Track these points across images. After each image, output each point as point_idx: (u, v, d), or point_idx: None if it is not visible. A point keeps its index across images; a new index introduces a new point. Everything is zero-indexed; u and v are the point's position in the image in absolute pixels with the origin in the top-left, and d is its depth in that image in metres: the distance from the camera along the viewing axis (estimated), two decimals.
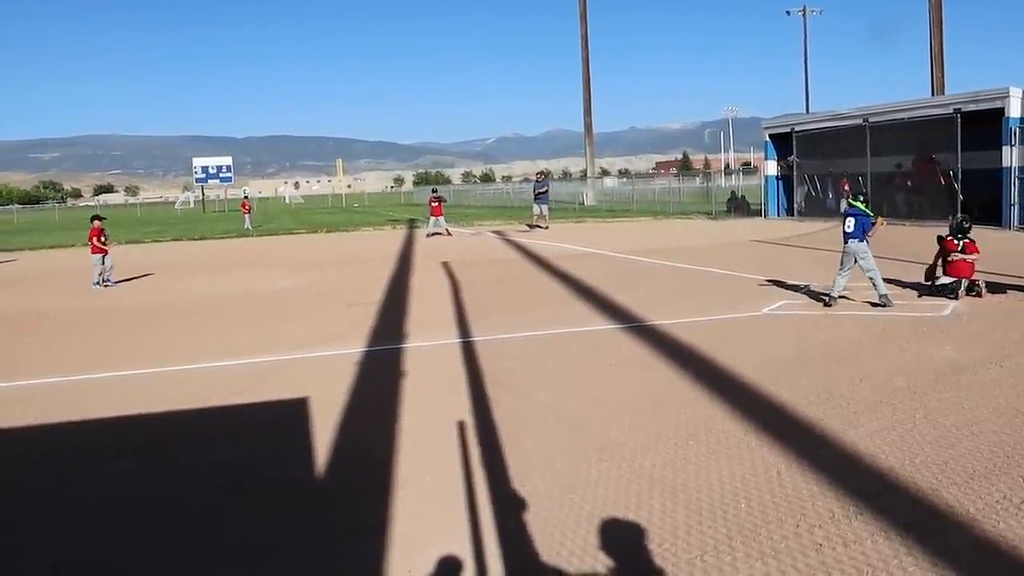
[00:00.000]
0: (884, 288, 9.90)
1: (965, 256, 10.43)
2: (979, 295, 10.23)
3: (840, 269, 10.18)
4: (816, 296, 10.71)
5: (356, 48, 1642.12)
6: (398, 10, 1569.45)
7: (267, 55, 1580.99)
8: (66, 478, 5.35)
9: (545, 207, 28.55)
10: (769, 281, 12.39)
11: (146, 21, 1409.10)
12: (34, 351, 9.73)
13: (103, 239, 15.75)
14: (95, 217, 16.26)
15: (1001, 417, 5.59)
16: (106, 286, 15.52)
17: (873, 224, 10.02)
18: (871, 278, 9.92)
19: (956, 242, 10.53)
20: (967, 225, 10.70)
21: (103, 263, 15.63)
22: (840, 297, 10.22)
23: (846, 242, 10.06)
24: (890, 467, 4.77)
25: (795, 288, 11.56)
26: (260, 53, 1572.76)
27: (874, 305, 9.85)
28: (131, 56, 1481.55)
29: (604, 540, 4.02)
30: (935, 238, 10.95)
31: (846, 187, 25.44)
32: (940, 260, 10.65)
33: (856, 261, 9.96)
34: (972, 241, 10.55)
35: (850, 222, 10.02)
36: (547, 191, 29.77)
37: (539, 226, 28.17)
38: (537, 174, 32.50)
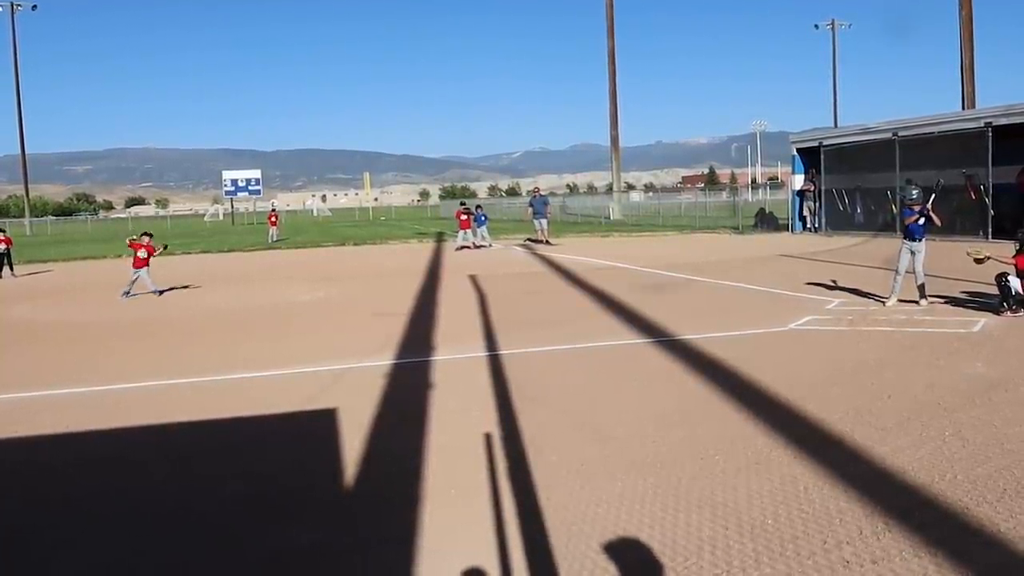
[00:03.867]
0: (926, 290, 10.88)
1: None
2: None
3: (897, 269, 11.03)
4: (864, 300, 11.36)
5: (385, 64, 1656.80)
6: (425, 27, 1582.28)
7: (297, 70, 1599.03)
8: (96, 487, 5.43)
9: (545, 222, 28.55)
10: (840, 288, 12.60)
11: (179, 38, 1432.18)
12: (67, 361, 9.87)
13: (147, 255, 15.98)
14: (144, 233, 16.57)
15: None
16: (130, 296, 15.75)
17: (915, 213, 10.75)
18: (917, 271, 10.81)
19: None
20: None
21: (141, 278, 15.87)
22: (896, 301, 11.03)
23: (906, 240, 10.88)
24: (920, 484, 4.72)
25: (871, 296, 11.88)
26: (290, 68, 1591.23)
27: (916, 301, 10.75)
28: (164, 70, 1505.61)
29: (630, 554, 4.02)
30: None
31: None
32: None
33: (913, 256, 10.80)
34: None
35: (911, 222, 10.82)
36: (547, 206, 29.77)
37: (541, 241, 28.07)
38: (533, 190, 32.62)
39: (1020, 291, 9.95)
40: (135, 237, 16.73)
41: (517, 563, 3.99)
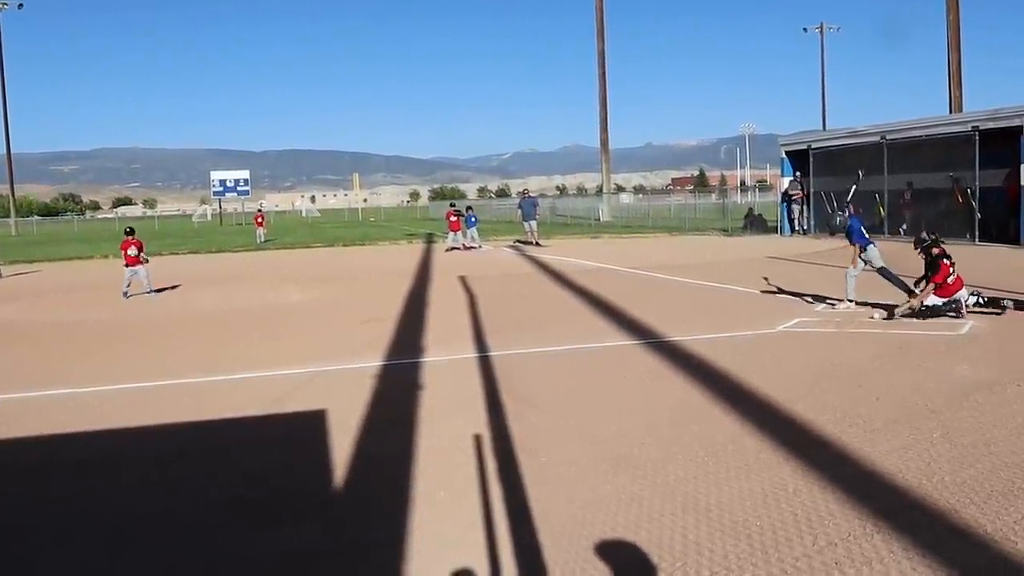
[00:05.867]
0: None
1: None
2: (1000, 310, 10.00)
3: (889, 274, 10.97)
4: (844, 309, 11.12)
5: (374, 64, 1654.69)
6: (415, 28, 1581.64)
7: (286, 70, 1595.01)
8: (82, 488, 5.40)
9: (534, 223, 28.51)
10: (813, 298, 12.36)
11: (168, 37, 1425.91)
12: (51, 362, 9.81)
13: (137, 252, 15.92)
14: (127, 230, 16.57)
15: (1020, 437, 5.55)
16: (148, 293, 15.77)
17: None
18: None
19: (947, 262, 9.90)
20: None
21: (137, 275, 15.80)
22: (852, 303, 11.10)
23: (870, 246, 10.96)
24: (908, 486, 4.75)
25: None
26: (280, 68, 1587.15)
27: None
28: (152, 70, 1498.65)
29: (620, 556, 4.02)
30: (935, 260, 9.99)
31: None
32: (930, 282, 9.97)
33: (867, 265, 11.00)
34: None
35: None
36: (537, 208, 29.68)
37: (531, 242, 28.00)
38: (522, 191, 32.61)
39: (939, 305, 9.89)
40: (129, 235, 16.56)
41: (507, 565, 3.98)
